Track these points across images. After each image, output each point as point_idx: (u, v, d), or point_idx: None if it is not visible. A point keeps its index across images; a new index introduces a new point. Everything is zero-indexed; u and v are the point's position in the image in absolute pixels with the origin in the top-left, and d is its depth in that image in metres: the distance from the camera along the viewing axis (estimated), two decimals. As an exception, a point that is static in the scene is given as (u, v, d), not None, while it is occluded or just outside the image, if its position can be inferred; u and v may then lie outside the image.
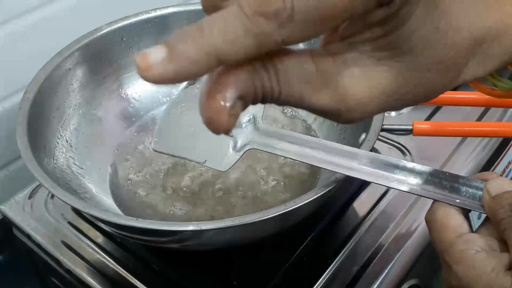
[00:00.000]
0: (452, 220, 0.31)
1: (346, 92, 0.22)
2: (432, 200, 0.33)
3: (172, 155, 0.45)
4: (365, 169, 0.36)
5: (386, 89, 0.23)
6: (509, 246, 0.29)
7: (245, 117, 0.41)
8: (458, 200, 0.32)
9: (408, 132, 0.50)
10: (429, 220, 0.32)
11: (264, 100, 0.22)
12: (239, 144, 0.40)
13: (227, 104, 0.20)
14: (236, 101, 0.20)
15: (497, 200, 0.31)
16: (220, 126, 0.21)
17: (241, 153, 0.40)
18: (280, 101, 0.22)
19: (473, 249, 0.29)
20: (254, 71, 0.21)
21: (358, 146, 0.45)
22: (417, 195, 0.35)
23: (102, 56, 0.57)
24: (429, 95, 0.25)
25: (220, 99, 0.20)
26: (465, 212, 0.32)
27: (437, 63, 0.23)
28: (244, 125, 0.41)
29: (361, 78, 0.23)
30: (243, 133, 0.40)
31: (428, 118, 0.62)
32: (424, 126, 0.50)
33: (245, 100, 0.21)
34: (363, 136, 0.46)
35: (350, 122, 0.24)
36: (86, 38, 0.55)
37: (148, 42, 0.59)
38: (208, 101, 0.20)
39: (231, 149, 0.41)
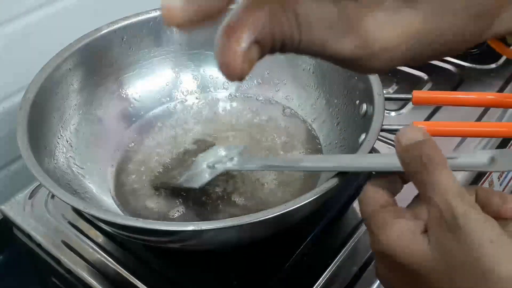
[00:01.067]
0: (380, 195, 0.32)
1: (371, 36, 0.21)
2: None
3: (164, 186, 0.53)
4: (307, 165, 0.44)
5: (412, 33, 0.22)
6: (423, 201, 0.29)
7: (227, 156, 0.49)
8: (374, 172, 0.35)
9: None
10: (360, 198, 0.33)
11: (283, 48, 0.21)
12: (216, 171, 0.49)
13: (242, 46, 0.19)
14: (252, 44, 0.20)
15: (408, 151, 0.29)
16: (234, 71, 0.20)
17: (214, 175, 0.49)
18: (301, 49, 0.21)
19: (394, 216, 0.30)
20: (272, 15, 0.20)
21: (358, 146, 0.45)
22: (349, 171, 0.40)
23: (102, 56, 0.57)
24: (459, 45, 0.23)
25: (235, 42, 0.19)
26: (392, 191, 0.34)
27: (466, 7, 0.22)
28: (223, 162, 0.49)
29: (386, 21, 0.21)
30: (221, 164, 0.49)
31: (428, 118, 0.62)
32: (424, 126, 0.50)
33: (262, 46, 0.20)
34: (363, 136, 0.46)
35: (373, 71, 0.23)
36: (86, 38, 0.55)
37: (148, 42, 0.59)
38: (222, 43, 0.20)
39: (207, 175, 0.49)
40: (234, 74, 0.20)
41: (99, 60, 0.57)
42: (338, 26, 0.21)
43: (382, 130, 0.45)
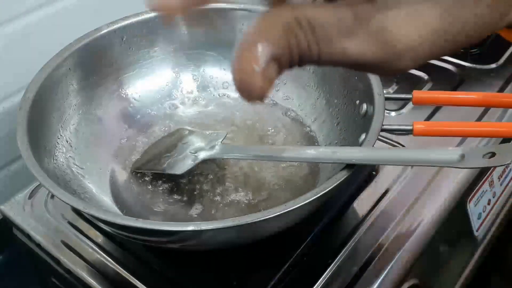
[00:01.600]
0: None
1: (393, 36, 0.20)
2: None
3: (145, 170, 0.54)
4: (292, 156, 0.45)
5: (435, 28, 0.21)
6: None
7: (209, 144, 0.51)
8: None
9: (408, 132, 0.50)
10: None
11: (302, 62, 0.20)
12: (198, 158, 0.50)
13: (260, 66, 0.19)
14: (269, 63, 0.19)
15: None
16: (254, 91, 0.20)
17: (196, 162, 0.50)
18: (321, 61, 0.20)
19: None
20: (287, 30, 0.19)
21: (359, 146, 0.45)
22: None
23: (102, 56, 0.57)
24: (482, 32, 0.22)
25: (252, 62, 0.19)
26: None
27: None
28: (204, 149, 0.50)
29: (406, 18, 0.20)
30: (203, 152, 0.50)
31: (428, 118, 0.62)
32: (424, 126, 0.50)
33: (280, 63, 0.20)
34: (363, 136, 0.46)
35: (398, 71, 0.22)
36: (86, 38, 0.55)
37: (148, 42, 0.59)
38: (239, 64, 0.19)
39: (190, 161, 0.50)
40: (254, 95, 0.20)
41: (99, 60, 0.57)
42: (356, 32, 0.20)
43: (382, 130, 0.45)
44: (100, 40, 0.56)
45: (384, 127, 0.46)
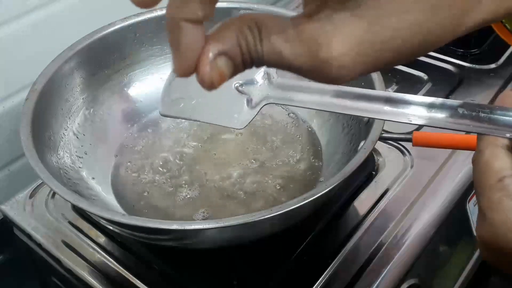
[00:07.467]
0: (498, 162, 0.26)
1: (319, 47, 0.23)
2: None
3: (181, 118, 0.44)
4: (393, 110, 0.32)
5: (360, 39, 0.22)
6: None
7: (258, 74, 0.37)
8: (508, 134, 0.27)
9: (408, 141, 0.49)
10: (474, 160, 0.28)
11: (252, 61, 0.24)
12: (254, 101, 0.38)
13: (209, 56, 0.23)
14: (219, 55, 0.23)
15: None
16: (203, 78, 0.23)
17: (257, 109, 0.37)
18: (265, 60, 0.24)
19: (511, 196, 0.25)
20: (238, 30, 0.23)
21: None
22: (458, 130, 0.30)
23: (115, 51, 0.57)
24: (427, 42, 0.23)
25: (205, 52, 0.23)
26: None
27: (414, 2, 0.22)
28: (257, 82, 0.38)
29: (332, 31, 0.22)
30: (258, 90, 0.38)
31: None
32: (425, 136, 0.49)
33: (231, 57, 0.23)
34: (362, 143, 0.46)
35: (332, 80, 0.24)
36: (99, 32, 0.55)
37: (161, 38, 0.59)
38: (199, 57, 0.23)
39: (245, 107, 0.38)
40: (203, 81, 0.23)
41: (111, 55, 0.57)
42: (293, 40, 0.23)
43: (382, 138, 0.44)
44: (113, 35, 0.56)
45: (384, 135, 0.45)
